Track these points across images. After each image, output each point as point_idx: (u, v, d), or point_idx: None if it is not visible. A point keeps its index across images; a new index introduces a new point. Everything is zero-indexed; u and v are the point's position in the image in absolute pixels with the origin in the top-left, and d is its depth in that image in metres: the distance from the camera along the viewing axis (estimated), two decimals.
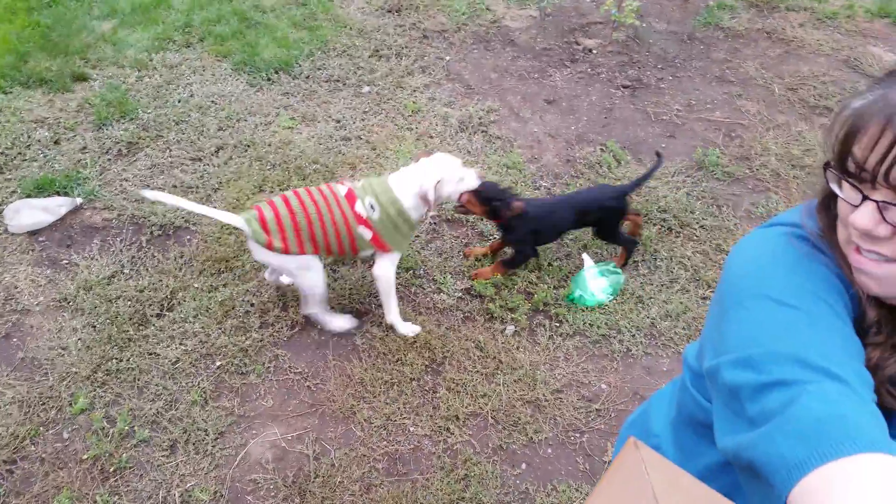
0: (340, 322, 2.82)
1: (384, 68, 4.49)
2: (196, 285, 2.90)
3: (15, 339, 2.70)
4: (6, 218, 3.16)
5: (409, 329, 2.82)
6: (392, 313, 2.79)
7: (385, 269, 2.69)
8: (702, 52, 4.93)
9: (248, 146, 3.72)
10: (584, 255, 3.15)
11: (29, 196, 3.28)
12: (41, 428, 2.41)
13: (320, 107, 4.11)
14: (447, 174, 2.61)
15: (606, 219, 3.07)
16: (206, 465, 2.33)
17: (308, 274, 2.61)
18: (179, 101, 3.97)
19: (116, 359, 2.62)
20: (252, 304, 2.86)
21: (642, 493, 0.74)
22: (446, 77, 4.47)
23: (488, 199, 2.83)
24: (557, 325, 2.91)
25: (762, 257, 0.93)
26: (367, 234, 2.57)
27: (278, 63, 4.39)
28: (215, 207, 3.25)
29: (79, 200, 3.26)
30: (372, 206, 2.56)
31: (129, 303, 2.81)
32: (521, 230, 2.95)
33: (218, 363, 2.64)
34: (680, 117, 4.25)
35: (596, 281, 3.03)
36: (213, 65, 4.37)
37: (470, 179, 2.70)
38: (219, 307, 2.82)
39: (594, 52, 4.82)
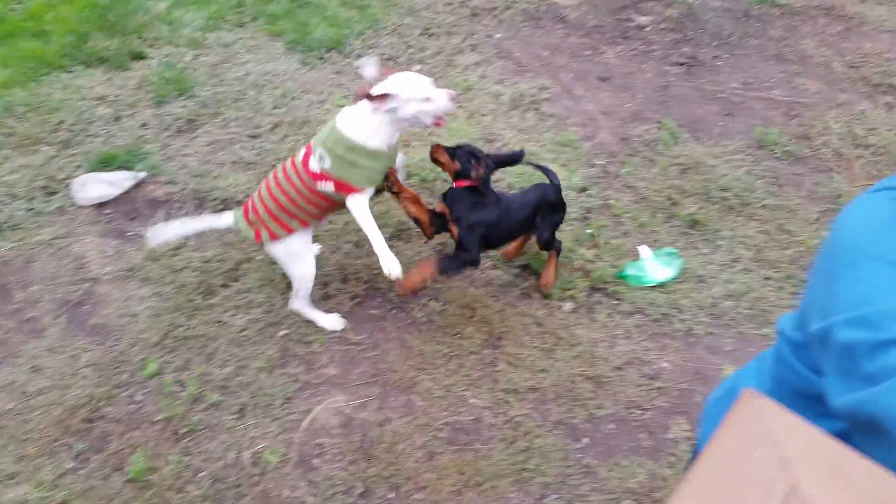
0: (329, 319, 2.74)
1: (434, 47, 4.48)
2: (259, 257, 2.95)
3: (86, 307, 2.79)
4: (73, 191, 3.25)
5: (391, 264, 2.43)
6: (377, 245, 2.46)
7: (355, 204, 2.47)
8: (758, 30, 4.82)
9: (304, 123, 3.75)
10: (640, 247, 3.10)
11: (94, 170, 3.37)
12: (115, 390, 2.49)
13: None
14: (406, 91, 2.35)
15: (555, 217, 2.81)
16: (275, 428, 2.39)
17: (298, 263, 2.59)
18: (236, 80, 4.02)
19: (184, 326, 2.69)
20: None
21: (762, 440, 0.73)
22: (497, 55, 4.45)
23: (456, 154, 2.56)
24: (616, 302, 2.90)
25: (875, 220, 0.91)
26: (328, 186, 2.44)
27: (330, 42, 4.40)
28: None
29: (142, 175, 3.34)
30: (322, 157, 2.43)
31: (195, 273, 2.88)
32: (477, 216, 2.54)
33: (282, 332, 2.69)
34: (738, 95, 4.17)
35: (654, 266, 2.99)
36: (267, 44, 4.41)
37: (440, 100, 2.39)
38: (282, 279, 2.86)
39: (647, 29, 4.74)
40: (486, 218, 2.55)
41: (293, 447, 2.35)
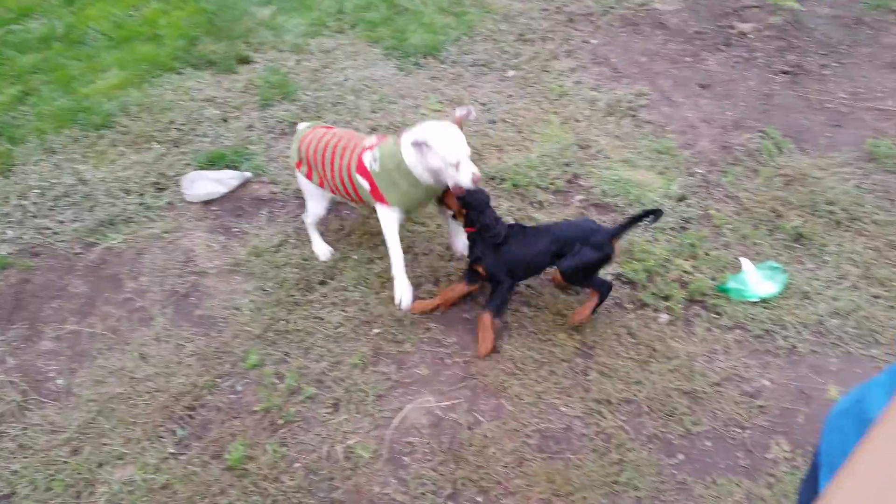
0: (321, 247, 3.04)
1: (529, 52, 4.48)
2: (355, 257, 3.03)
3: (193, 298, 2.92)
4: (183, 187, 3.42)
5: (404, 291, 2.66)
6: (395, 265, 2.67)
7: (385, 216, 2.68)
8: (870, 38, 4.58)
9: (400, 128, 3.82)
10: (742, 259, 2.99)
11: (202, 168, 3.53)
12: (217, 380, 2.60)
13: (467, 90, 4.16)
14: (438, 144, 2.44)
15: (586, 254, 2.62)
16: (367, 424, 2.43)
17: (312, 205, 2.96)
18: (335, 84, 4.14)
19: (284, 320, 2.78)
20: None
21: None
22: (592, 61, 4.40)
23: (467, 204, 2.60)
24: (715, 316, 2.80)
25: None
26: (365, 184, 2.66)
27: (426, 48, 4.48)
28: None
29: (248, 174, 3.48)
30: (375, 159, 2.61)
31: (296, 270, 2.98)
32: (496, 255, 2.62)
33: (376, 330, 2.74)
34: (846, 105, 3.97)
35: (757, 280, 2.88)
36: (365, 50, 4.53)
37: (463, 175, 2.45)
38: (376, 278, 2.93)
39: (750, 36, 4.58)
40: (508, 254, 2.63)
41: (384, 444, 2.38)
